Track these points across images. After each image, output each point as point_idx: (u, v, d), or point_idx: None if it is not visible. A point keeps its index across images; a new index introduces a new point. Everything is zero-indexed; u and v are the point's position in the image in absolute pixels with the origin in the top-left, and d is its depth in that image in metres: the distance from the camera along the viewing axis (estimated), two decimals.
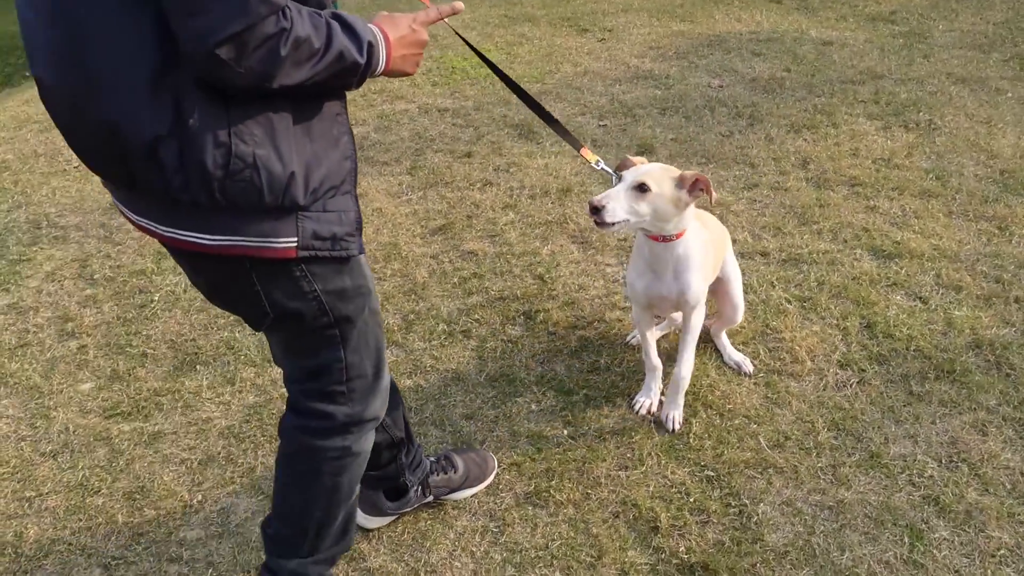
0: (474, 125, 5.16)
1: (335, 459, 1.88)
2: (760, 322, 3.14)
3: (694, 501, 2.43)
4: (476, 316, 3.32)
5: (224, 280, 1.65)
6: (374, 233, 3.94)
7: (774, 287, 3.35)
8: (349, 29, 1.46)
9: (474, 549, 2.35)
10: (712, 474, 2.52)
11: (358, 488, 2.01)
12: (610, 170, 2.47)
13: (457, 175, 4.50)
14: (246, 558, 2.35)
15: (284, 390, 1.95)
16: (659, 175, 2.36)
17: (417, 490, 2.40)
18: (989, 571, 2.17)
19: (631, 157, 2.53)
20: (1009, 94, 5.17)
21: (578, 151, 2.43)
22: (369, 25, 1.53)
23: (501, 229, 3.95)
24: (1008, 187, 4.03)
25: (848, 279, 3.38)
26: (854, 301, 3.24)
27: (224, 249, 1.52)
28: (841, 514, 2.36)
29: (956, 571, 2.17)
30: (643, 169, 2.38)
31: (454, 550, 2.35)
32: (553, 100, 5.51)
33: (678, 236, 2.47)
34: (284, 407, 2.77)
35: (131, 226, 4.08)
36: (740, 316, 2.94)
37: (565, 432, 2.73)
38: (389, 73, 1.60)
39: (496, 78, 2.19)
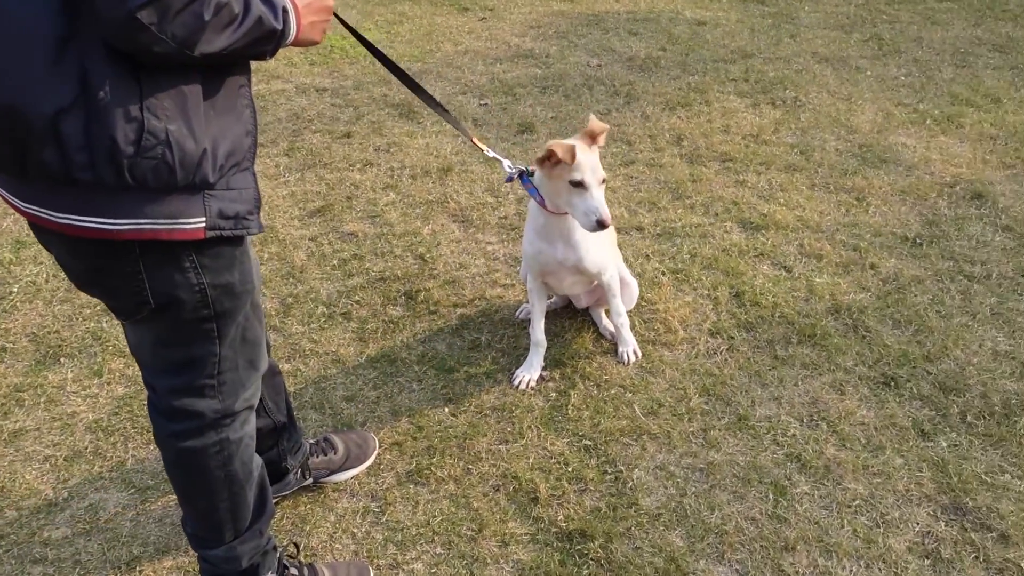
0: (353, 105, 5.08)
1: (217, 453, 1.82)
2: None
3: (572, 470, 2.49)
4: (356, 298, 3.29)
5: (107, 266, 1.54)
6: None
7: (649, 260, 3.44)
8: None
9: (355, 530, 2.34)
10: (590, 443, 2.59)
11: (258, 461, 1.97)
12: (500, 157, 2.54)
13: (336, 156, 4.43)
14: (116, 554, 2.27)
15: None
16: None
17: (296, 473, 2.37)
18: (846, 521, 2.30)
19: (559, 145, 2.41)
20: (868, 72, 5.44)
21: (471, 141, 2.45)
22: None
23: (382, 210, 3.91)
24: (866, 160, 4.25)
25: (718, 251, 3.51)
26: (724, 271, 3.36)
27: (131, 234, 1.43)
28: (711, 475, 2.46)
29: (816, 523, 2.30)
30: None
31: (335, 532, 2.33)
32: (434, 79, 5.48)
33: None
34: None
35: None
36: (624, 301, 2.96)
37: (446, 409, 2.74)
38: (298, 42, 1.54)
39: (387, 61, 2.15)
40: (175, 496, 2.41)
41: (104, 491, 2.47)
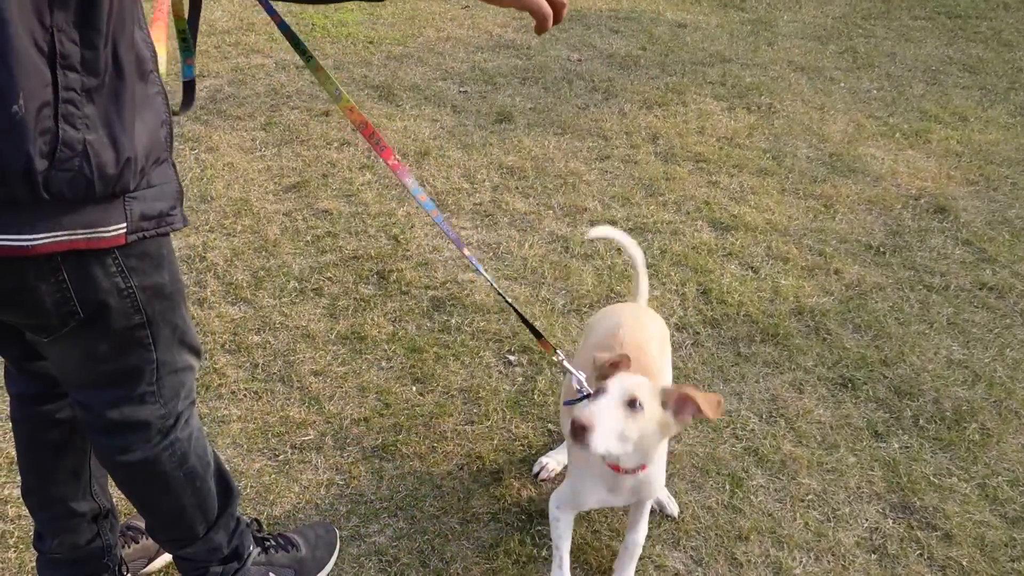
0: None
1: (170, 457, 1.71)
2: (605, 287, 3.27)
3: (536, 453, 2.53)
4: (328, 274, 3.30)
5: (27, 283, 1.37)
6: (224, 188, 3.83)
7: (620, 254, 3.50)
8: None
9: (319, 501, 2.36)
10: (554, 428, 2.63)
11: (210, 448, 1.86)
12: (572, 370, 1.97)
13: (314, 133, 4.42)
14: None
15: None
16: (649, 391, 1.78)
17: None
18: (798, 514, 2.37)
19: (606, 357, 1.87)
20: (842, 84, 5.54)
21: (539, 340, 2.08)
22: None
23: (357, 189, 3.92)
24: (835, 169, 4.35)
25: (688, 248, 3.57)
26: (692, 269, 3.43)
27: (47, 247, 1.30)
28: (670, 464, 2.51)
29: (769, 515, 2.37)
30: (635, 381, 1.78)
31: (299, 503, 2.35)
32: (415, 64, 5.48)
33: (643, 469, 1.90)
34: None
35: None
36: None
37: (414, 388, 2.77)
38: None
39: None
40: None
41: None
